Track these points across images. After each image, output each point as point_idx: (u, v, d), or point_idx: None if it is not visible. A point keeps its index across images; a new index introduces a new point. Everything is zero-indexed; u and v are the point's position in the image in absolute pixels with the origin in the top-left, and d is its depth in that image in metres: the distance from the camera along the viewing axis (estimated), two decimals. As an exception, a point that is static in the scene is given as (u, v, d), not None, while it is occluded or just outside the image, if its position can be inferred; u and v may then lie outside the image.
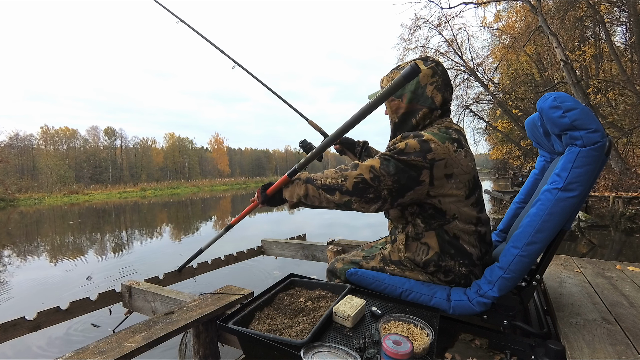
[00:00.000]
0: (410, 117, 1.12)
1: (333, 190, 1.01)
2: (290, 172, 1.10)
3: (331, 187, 1.01)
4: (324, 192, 1.03)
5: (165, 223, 10.68)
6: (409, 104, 1.10)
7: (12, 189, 27.43)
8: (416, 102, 1.09)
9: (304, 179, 1.08)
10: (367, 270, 1.27)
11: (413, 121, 1.11)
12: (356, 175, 0.98)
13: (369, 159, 1.02)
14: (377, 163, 0.99)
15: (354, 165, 1.02)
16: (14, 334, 1.49)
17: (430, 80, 1.08)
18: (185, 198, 23.87)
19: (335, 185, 1.01)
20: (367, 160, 1.01)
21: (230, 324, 0.94)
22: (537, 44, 13.19)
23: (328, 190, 1.02)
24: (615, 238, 6.14)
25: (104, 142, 48.66)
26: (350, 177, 0.99)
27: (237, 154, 69.44)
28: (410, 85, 1.08)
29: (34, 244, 7.54)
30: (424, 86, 1.08)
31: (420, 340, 0.85)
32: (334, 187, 1.01)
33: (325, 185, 1.02)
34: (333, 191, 1.01)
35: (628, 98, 10.25)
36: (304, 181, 1.07)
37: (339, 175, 1.01)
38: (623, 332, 1.05)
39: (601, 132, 0.93)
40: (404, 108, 1.11)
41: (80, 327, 2.81)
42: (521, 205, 1.55)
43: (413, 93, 1.09)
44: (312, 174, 1.09)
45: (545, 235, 0.98)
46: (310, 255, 2.72)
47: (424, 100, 1.08)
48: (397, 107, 1.13)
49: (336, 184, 1.01)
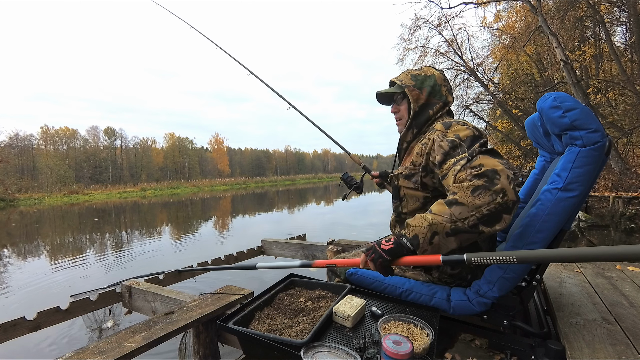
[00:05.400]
0: (428, 109, 1.19)
1: (498, 215, 0.82)
2: (405, 245, 0.91)
3: (494, 212, 0.82)
4: (484, 225, 0.83)
5: (173, 222, 10.68)
6: (428, 96, 1.19)
7: (12, 189, 27.44)
8: (433, 97, 1.19)
9: (444, 232, 0.86)
10: (367, 270, 1.27)
11: (430, 112, 1.19)
12: (508, 178, 0.83)
13: (475, 160, 0.89)
14: (495, 159, 0.88)
15: (483, 174, 0.85)
16: (14, 334, 1.49)
17: (443, 82, 1.22)
18: (185, 198, 23.86)
19: (499, 207, 0.82)
20: (477, 161, 0.88)
21: (231, 323, 0.94)
22: (537, 44, 13.17)
23: (491, 220, 0.83)
24: (615, 238, 6.13)
25: (104, 142, 48.64)
26: (505, 185, 0.82)
27: (237, 154, 69.34)
28: (429, 81, 1.19)
29: (60, 242, 7.55)
30: (439, 85, 1.20)
31: (420, 340, 0.85)
32: (498, 210, 0.82)
33: (485, 216, 0.83)
34: (499, 216, 0.83)
35: (628, 98, 10.24)
36: (448, 234, 0.86)
37: (489, 194, 0.82)
38: (623, 332, 1.05)
39: (601, 132, 0.93)
40: (424, 99, 1.19)
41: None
42: (521, 205, 1.55)
43: (432, 88, 1.19)
44: (438, 221, 0.86)
45: (545, 235, 0.98)
46: (310, 255, 2.72)
47: (439, 96, 1.20)
48: (417, 97, 1.19)
49: (498, 205, 0.82)
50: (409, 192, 1.19)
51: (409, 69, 1.26)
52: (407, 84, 1.19)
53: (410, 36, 14.50)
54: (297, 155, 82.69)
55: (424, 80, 1.19)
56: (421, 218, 0.91)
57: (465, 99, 15.28)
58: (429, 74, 1.20)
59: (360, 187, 1.79)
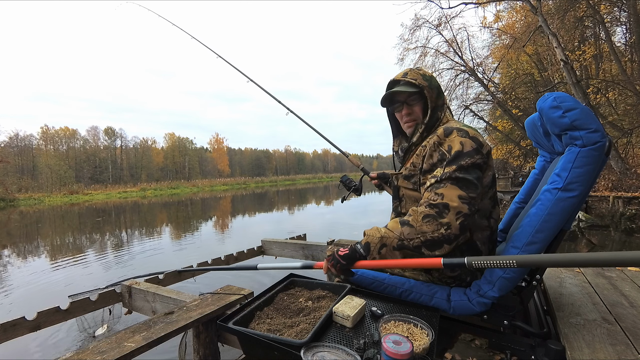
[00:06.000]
0: (437, 111, 1.20)
1: (439, 243, 0.94)
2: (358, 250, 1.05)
3: (436, 240, 0.93)
4: (427, 249, 0.95)
5: (173, 222, 10.68)
6: (436, 98, 1.20)
7: (12, 189, 27.45)
8: (440, 99, 1.21)
9: (391, 246, 0.99)
10: (368, 270, 1.27)
11: (439, 113, 1.20)
12: (456, 214, 0.93)
13: (440, 188, 0.97)
14: (458, 190, 0.95)
15: (436, 205, 0.95)
16: (14, 334, 1.49)
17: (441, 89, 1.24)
18: (185, 198, 23.86)
19: (440, 237, 0.93)
20: (441, 189, 0.97)
21: (231, 324, 0.94)
22: (537, 44, 13.16)
23: (432, 246, 0.94)
24: (615, 238, 6.13)
25: (104, 142, 48.67)
26: (452, 220, 0.92)
27: (237, 154, 69.33)
28: (434, 81, 1.21)
29: (62, 242, 7.54)
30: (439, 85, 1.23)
31: (420, 340, 0.85)
32: (439, 239, 0.93)
33: (428, 241, 0.94)
34: (440, 244, 0.94)
35: (628, 98, 10.23)
36: (395, 248, 0.98)
37: (435, 224, 0.93)
38: (623, 332, 1.05)
39: (601, 132, 0.93)
40: (434, 101, 1.20)
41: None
42: (521, 205, 1.55)
43: (437, 89, 1.21)
44: (389, 235, 1.00)
45: (545, 235, 0.98)
46: (310, 255, 2.72)
47: (442, 97, 1.22)
48: (432, 98, 1.19)
49: (440, 235, 0.93)
50: (407, 193, 1.20)
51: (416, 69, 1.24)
52: (422, 84, 1.16)
53: (410, 36, 14.51)
54: (297, 155, 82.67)
55: (430, 80, 1.18)
56: (376, 230, 1.04)
57: (465, 99, 15.28)
58: (430, 74, 1.20)
59: (359, 188, 1.80)
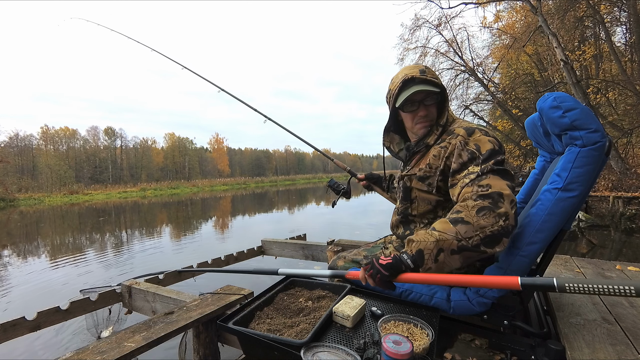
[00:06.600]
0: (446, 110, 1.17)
1: (499, 237, 0.84)
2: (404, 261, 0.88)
3: (496, 234, 0.84)
4: (486, 246, 0.85)
5: (173, 222, 10.68)
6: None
7: (12, 189, 27.45)
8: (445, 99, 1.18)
9: (449, 250, 0.85)
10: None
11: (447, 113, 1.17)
12: (511, 202, 0.87)
13: (484, 179, 0.91)
14: (503, 180, 0.90)
15: (489, 195, 0.87)
16: (14, 334, 1.48)
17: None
18: (185, 198, 23.86)
19: (500, 230, 0.84)
20: (485, 181, 0.90)
21: (231, 323, 0.94)
22: (537, 44, 13.17)
23: (492, 242, 0.84)
24: (615, 238, 6.13)
25: (104, 142, 48.63)
26: (508, 209, 0.85)
27: (237, 154, 69.30)
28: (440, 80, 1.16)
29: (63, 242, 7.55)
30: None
31: (420, 340, 0.85)
32: (499, 232, 0.84)
33: (487, 237, 0.84)
34: (499, 239, 0.85)
35: (628, 98, 10.23)
36: (454, 251, 0.85)
37: (493, 215, 0.84)
38: (623, 332, 1.05)
39: (601, 132, 0.93)
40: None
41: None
42: (521, 205, 1.55)
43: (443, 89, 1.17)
44: (445, 237, 0.86)
45: (545, 235, 0.98)
46: (310, 255, 2.72)
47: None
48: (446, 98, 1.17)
49: (500, 228, 0.84)
50: (421, 195, 1.17)
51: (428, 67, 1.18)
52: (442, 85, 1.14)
53: (410, 36, 14.54)
54: (297, 155, 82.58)
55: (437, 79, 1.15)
56: (426, 234, 0.88)
57: (465, 99, 15.31)
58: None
59: (348, 192, 1.75)
